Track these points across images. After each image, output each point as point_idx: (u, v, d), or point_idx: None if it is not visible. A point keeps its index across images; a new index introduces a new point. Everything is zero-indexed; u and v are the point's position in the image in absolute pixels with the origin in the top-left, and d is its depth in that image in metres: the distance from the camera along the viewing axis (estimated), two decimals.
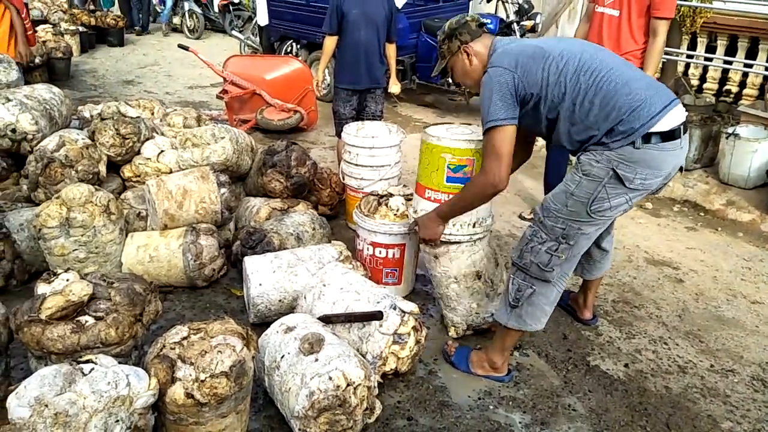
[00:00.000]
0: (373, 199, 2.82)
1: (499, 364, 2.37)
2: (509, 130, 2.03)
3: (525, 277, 2.16)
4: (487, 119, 2.04)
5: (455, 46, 2.20)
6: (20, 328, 1.89)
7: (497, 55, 2.11)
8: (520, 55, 2.06)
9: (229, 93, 5.35)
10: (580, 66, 2.00)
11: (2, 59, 3.62)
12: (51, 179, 2.99)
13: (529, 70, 2.03)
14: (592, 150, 2.01)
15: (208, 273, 2.91)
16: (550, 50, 2.05)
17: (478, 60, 2.19)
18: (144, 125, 3.36)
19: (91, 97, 6.51)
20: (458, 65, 2.24)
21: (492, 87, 2.04)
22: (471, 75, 2.23)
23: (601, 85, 1.96)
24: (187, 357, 1.81)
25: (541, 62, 2.03)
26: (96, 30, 9.36)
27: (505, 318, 2.24)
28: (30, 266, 2.87)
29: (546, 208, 2.10)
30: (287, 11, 7.00)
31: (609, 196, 1.99)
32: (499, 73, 2.04)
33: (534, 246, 2.11)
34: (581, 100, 1.98)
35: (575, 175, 2.04)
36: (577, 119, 2.01)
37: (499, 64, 2.06)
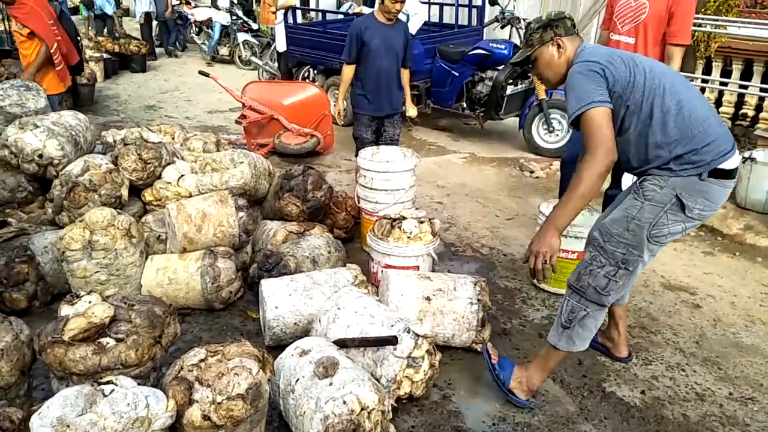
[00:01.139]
0: (386, 223, 2.85)
1: (537, 384, 2.37)
2: (606, 111, 2.00)
3: (580, 299, 2.20)
4: (584, 101, 2.00)
5: (549, 36, 2.20)
6: (43, 349, 1.94)
7: (586, 52, 2.15)
8: (613, 55, 2.11)
9: (248, 118, 5.47)
10: (665, 83, 2.05)
11: (31, 87, 3.76)
12: (75, 203, 3.08)
13: (619, 68, 2.05)
14: (657, 175, 2.07)
15: (226, 295, 2.95)
16: (640, 61, 2.12)
17: (565, 56, 2.20)
18: (165, 150, 3.45)
19: (114, 122, 6.69)
20: (545, 55, 2.23)
21: (584, 74, 2.05)
22: (555, 68, 2.23)
23: (683, 110, 2.02)
24: (204, 379, 1.84)
25: (631, 66, 2.07)
26: (119, 57, 9.64)
27: (556, 338, 2.27)
28: (53, 288, 2.94)
29: (607, 233, 2.14)
30: (305, 38, 7.16)
31: (669, 222, 2.06)
32: (590, 65, 2.06)
33: (593, 269, 2.16)
34: (661, 117, 2.02)
35: (636, 201, 2.09)
36: (651, 135, 2.05)
37: (590, 58, 2.09)
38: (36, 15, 4.21)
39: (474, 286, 2.67)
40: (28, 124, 3.23)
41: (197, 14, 11.23)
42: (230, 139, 5.86)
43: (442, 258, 3.63)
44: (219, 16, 10.25)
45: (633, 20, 3.15)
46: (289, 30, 7.39)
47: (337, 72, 6.78)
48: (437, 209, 4.50)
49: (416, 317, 2.56)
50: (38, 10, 4.23)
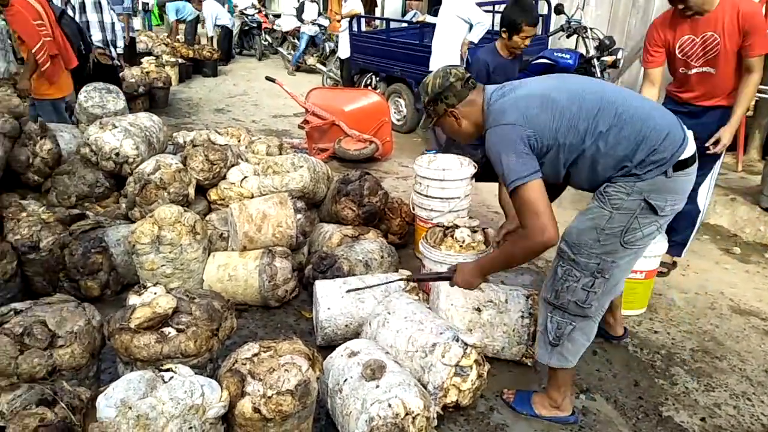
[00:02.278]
0: (439, 231, 2.86)
1: (559, 401, 2.32)
2: (536, 185, 1.90)
3: (563, 314, 2.15)
4: (509, 179, 1.92)
5: (441, 109, 2.13)
6: (112, 334, 2.07)
7: (495, 110, 2.02)
8: (527, 109, 1.95)
9: (310, 123, 5.62)
10: (592, 107, 1.94)
11: (112, 90, 4.03)
12: (146, 199, 3.27)
13: (539, 123, 1.94)
14: (621, 183, 1.96)
15: (281, 294, 3.04)
16: (556, 97, 1.96)
17: (467, 120, 2.13)
18: (230, 152, 3.61)
19: (186, 123, 7.03)
20: (447, 125, 2.20)
21: (504, 146, 1.94)
22: (461, 133, 2.18)
23: (625, 119, 1.92)
24: (256, 373, 1.91)
25: (550, 112, 1.94)
26: (193, 62, 10.14)
27: (546, 357, 2.24)
28: (123, 278, 3.13)
29: (576, 245, 2.05)
30: (368, 46, 7.29)
31: (641, 225, 1.99)
32: (506, 131, 1.94)
33: (569, 285, 2.08)
34: (606, 137, 1.92)
35: (604, 210, 1.99)
36: (605, 155, 1.94)
37: (504, 121, 1.96)
38: (20, 17, 4.04)
39: (526, 300, 2.63)
40: (108, 125, 3.46)
41: (284, 24, 11.52)
42: (293, 143, 6.03)
43: None
44: (306, 27, 10.39)
45: (705, 55, 3.04)
46: (353, 38, 7.53)
47: (398, 80, 6.87)
48: (494, 219, 4.45)
49: (466, 327, 2.55)
50: (22, 11, 4.04)
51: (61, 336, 1.99)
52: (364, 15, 8.11)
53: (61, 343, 1.98)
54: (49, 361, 1.94)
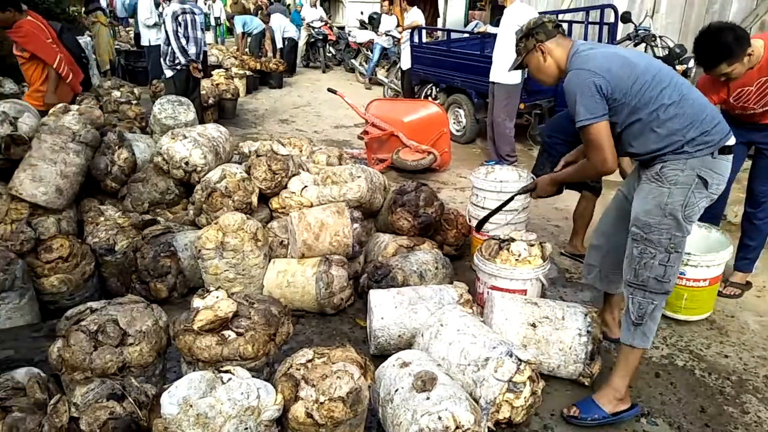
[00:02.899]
0: (494, 243, 2.83)
1: (623, 391, 2.39)
2: (602, 126, 2.21)
3: (645, 294, 2.30)
4: (579, 118, 2.22)
5: (531, 44, 2.37)
6: (177, 335, 2.19)
7: (581, 57, 2.26)
8: (610, 63, 2.21)
9: (370, 134, 5.70)
10: (663, 80, 2.20)
11: (183, 102, 4.25)
12: (212, 207, 3.43)
13: (618, 77, 2.18)
14: (673, 160, 2.21)
15: (337, 302, 3.10)
16: (637, 62, 2.24)
17: (552, 58, 2.36)
18: (292, 162, 3.72)
19: (252, 134, 7.30)
20: (533, 62, 2.41)
21: (580, 87, 2.20)
22: (545, 71, 2.41)
23: (687, 100, 2.19)
24: (309, 379, 1.96)
25: (628, 71, 2.20)
26: (260, 73, 10.52)
27: (630, 338, 2.35)
28: (189, 281, 3.29)
29: (646, 225, 2.25)
30: (428, 56, 7.33)
31: (697, 199, 2.22)
32: (586, 75, 2.20)
33: (647, 262, 2.27)
34: (667, 109, 2.17)
35: (662, 188, 2.23)
36: (661, 125, 2.19)
37: (586, 66, 2.21)
38: (34, 37, 4.19)
39: (584, 317, 2.56)
40: (179, 135, 3.66)
41: (358, 36, 11.62)
42: (352, 153, 6.14)
43: (555, 284, 3.51)
44: (380, 39, 10.41)
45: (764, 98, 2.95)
46: (414, 49, 7.60)
47: (458, 91, 6.87)
48: (553, 232, 4.36)
49: (520, 343, 2.51)
50: (36, 32, 4.21)
51: (131, 335, 2.12)
52: (426, 26, 8.16)
53: (131, 342, 2.11)
54: (119, 357, 2.08)
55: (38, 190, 3.23)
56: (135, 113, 5.56)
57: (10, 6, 4.13)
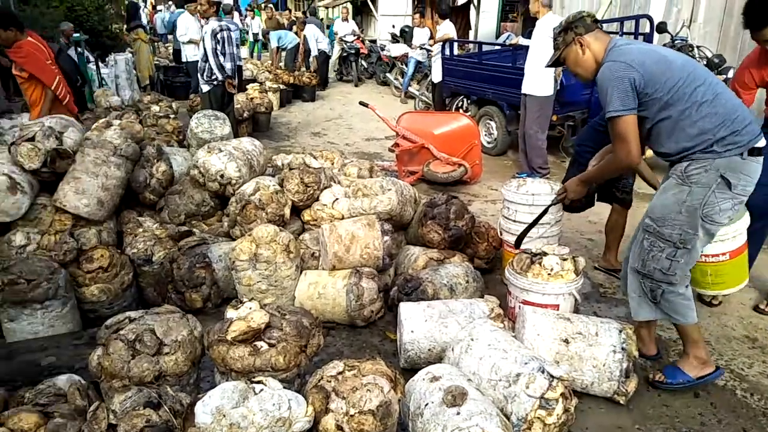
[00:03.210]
0: (526, 257, 2.81)
1: (704, 356, 2.56)
2: (630, 119, 2.27)
3: (652, 281, 2.46)
4: (609, 109, 2.28)
5: (570, 37, 2.43)
6: (211, 345, 2.23)
7: (618, 50, 2.31)
8: (645, 57, 2.26)
9: (400, 146, 5.73)
10: (698, 78, 2.25)
11: (219, 116, 4.36)
12: (246, 219, 3.49)
13: (652, 72, 2.23)
14: (700, 159, 2.26)
15: (367, 314, 3.12)
16: (673, 60, 2.29)
17: (590, 51, 2.41)
18: (324, 175, 3.77)
19: (285, 146, 7.42)
20: (572, 55, 2.47)
21: (612, 79, 2.26)
22: (583, 65, 2.45)
23: (720, 99, 2.23)
24: (340, 391, 1.98)
25: (663, 67, 2.25)
26: (293, 87, 10.70)
27: (651, 313, 2.54)
28: (223, 292, 3.35)
29: (660, 218, 2.37)
30: (460, 69, 7.34)
31: (718, 200, 2.26)
32: (621, 67, 2.25)
33: (655, 254, 2.40)
34: (699, 107, 2.22)
35: (684, 185, 2.30)
36: (691, 123, 2.24)
37: (622, 59, 2.26)
38: (33, 57, 4.26)
39: (619, 333, 2.51)
40: (214, 149, 3.75)
41: (393, 50, 11.60)
42: (383, 165, 6.17)
43: (589, 299, 3.45)
44: (414, 53, 10.36)
45: None
46: (445, 61, 7.62)
47: (490, 102, 6.85)
48: (587, 246, 4.29)
49: (552, 359, 2.47)
50: (36, 53, 4.28)
51: (167, 344, 2.18)
52: (457, 39, 8.18)
53: (167, 351, 2.17)
54: (156, 366, 2.13)
55: (81, 202, 3.35)
56: (173, 127, 5.73)
57: (12, 25, 4.22)
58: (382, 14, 16.28)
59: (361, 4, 17.22)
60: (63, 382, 2.17)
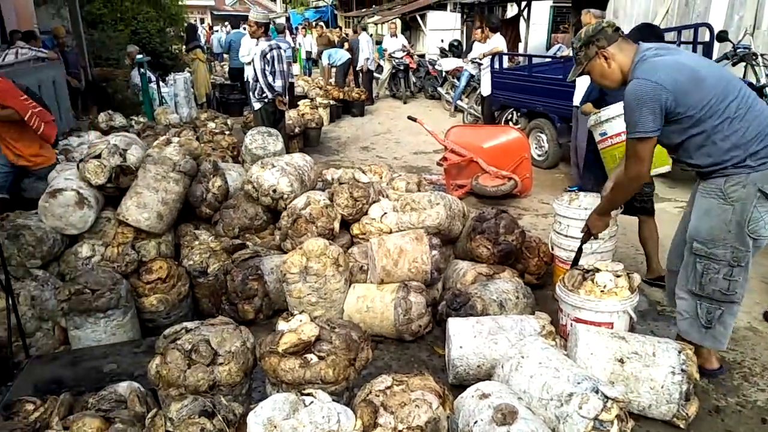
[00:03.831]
0: (578, 273, 2.74)
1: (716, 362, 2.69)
2: (653, 141, 2.28)
3: (711, 302, 2.41)
4: (635, 128, 2.25)
5: (593, 51, 2.38)
6: (262, 356, 2.28)
7: (648, 64, 2.25)
8: (677, 75, 2.20)
9: (449, 160, 5.72)
10: (731, 91, 2.22)
11: (272, 133, 4.49)
12: (297, 232, 3.57)
13: (684, 91, 2.19)
14: (734, 175, 2.25)
15: (415, 328, 3.11)
16: (705, 76, 2.23)
17: (616, 63, 2.37)
18: (372, 189, 3.81)
19: (334, 161, 7.54)
20: (596, 69, 2.43)
21: (643, 98, 2.20)
22: (609, 77, 2.41)
23: (753, 112, 2.21)
24: (388, 406, 1.98)
25: (695, 84, 2.20)
26: (342, 102, 10.89)
27: (699, 338, 2.51)
28: (274, 304, 3.43)
29: (710, 240, 2.34)
30: (510, 82, 7.29)
31: (761, 214, 2.25)
32: (652, 87, 2.19)
33: (711, 277, 2.36)
34: (732, 121, 2.20)
35: (725, 204, 2.28)
36: (724, 138, 2.22)
37: (653, 78, 2.20)
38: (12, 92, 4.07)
39: (678, 354, 2.40)
40: (267, 164, 3.86)
41: (445, 65, 11.50)
42: (431, 179, 6.18)
43: (645, 317, 3.33)
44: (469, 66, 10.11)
45: None
46: (494, 75, 7.58)
47: (540, 115, 6.76)
48: (642, 262, 4.13)
49: (606, 379, 2.40)
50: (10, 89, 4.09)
51: (221, 354, 2.24)
52: (507, 52, 8.13)
53: (221, 361, 2.23)
54: (210, 376, 2.20)
55: (142, 216, 3.51)
56: (228, 143, 5.94)
57: None
58: (431, 29, 16.36)
59: (410, 20, 17.37)
60: (123, 389, 2.27)
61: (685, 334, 2.57)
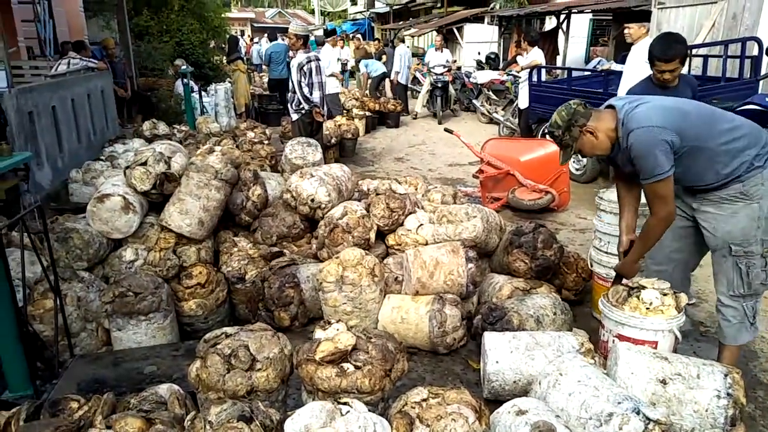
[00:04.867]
0: (622, 289, 2.68)
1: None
2: (671, 179, 2.39)
3: (753, 296, 2.58)
4: (654, 172, 2.36)
5: (576, 132, 2.48)
6: (300, 364, 2.30)
7: (638, 116, 2.38)
8: (670, 117, 2.38)
9: (485, 173, 5.70)
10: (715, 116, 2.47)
11: (311, 143, 4.55)
12: (334, 242, 3.60)
13: (680, 127, 2.36)
14: (751, 176, 2.42)
15: (450, 341, 3.09)
16: (689, 110, 2.45)
17: (602, 132, 2.47)
18: (409, 201, 3.82)
19: (369, 171, 7.59)
20: (586, 145, 2.52)
21: (652, 143, 2.34)
22: (600, 147, 2.52)
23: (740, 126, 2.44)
24: (424, 418, 1.97)
25: (684, 119, 2.40)
26: (378, 114, 10.97)
27: (748, 337, 2.68)
28: (309, 312, 3.46)
29: (745, 241, 2.48)
30: (548, 95, 7.22)
31: None
32: (658, 132, 2.34)
33: (756, 272, 2.51)
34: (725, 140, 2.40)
35: (752, 203, 2.44)
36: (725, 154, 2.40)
37: (652, 123, 2.35)
38: None
39: (724, 377, 2.32)
40: (306, 174, 3.92)
41: (480, 77, 11.32)
42: (466, 191, 6.15)
43: (687, 338, 3.23)
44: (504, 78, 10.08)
45: None
46: (532, 87, 7.53)
47: None
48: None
49: (647, 400, 2.33)
50: None
51: (260, 360, 2.27)
52: (546, 66, 8.06)
53: (259, 367, 2.26)
54: (248, 381, 2.23)
55: (184, 222, 3.60)
56: (267, 152, 6.04)
57: None
58: (468, 41, 16.38)
59: (447, 32, 17.43)
60: (164, 391, 2.32)
61: (733, 340, 2.65)
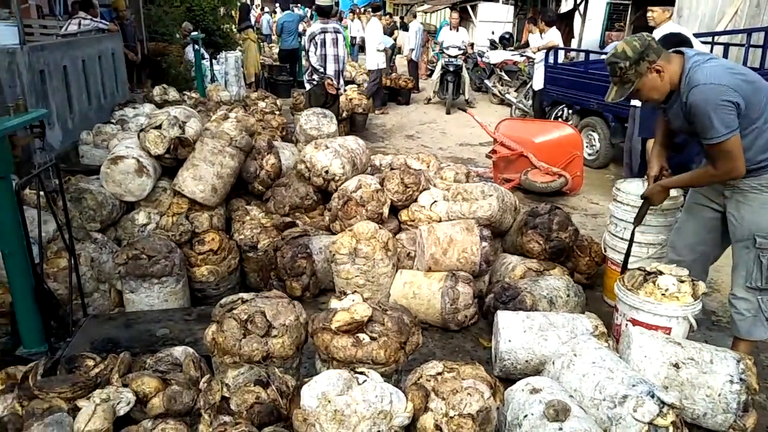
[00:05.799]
0: (639, 274, 2.67)
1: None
2: (738, 137, 2.30)
3: None
4: (720, 132, 2.27)
5: (644, 67, 2.36)
6: (315, 333, 2.30)
7: (707, 70, 2.29)
8: (738, 81, 2.28)
9: (498, 153, 5.65)
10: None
11: (327, 114, 4.50)
12: (347, 214, 3.58)
13: (745, 93, 2.27)
14: None
15: (461, 318, 3.10)
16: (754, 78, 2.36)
17: (668, 75, 2.37)
18: (423, 177, 3.79)
19: (379, 147, 7.53)
20: (648, 84, 2.41)
21: (718, 102, 2.25)
22: (660, 89, 2.42)
23: None
24: (440, 391, 1.97)
25: (751, 87, 2.31)
26: (389, 90, 10.84)
27: (763, 332, 2.60)
28: (321, 283, 3.46)
29: None
30: (564, 77, 7.12)
31: None
32: (724, 89, 2.25)
33: None
34: None
35: None
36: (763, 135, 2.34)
37: (719, 81, 2.26)
38: None
39: (737, 363, 2.32)
40: (321, 145, 3.88)
41: (492, 57, 11.16)
42: (478, 171, 6.10)
43: (699, 326, 3.21)
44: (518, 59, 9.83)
45: None
46: (548, 69, 7.43)
47: (593, 113, 6.59)
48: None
49: (660, 384, 2.33)
50: None
51: (276, 327, 2.27)
52: (563, 47, 7.94)
53: (275, 333, 2.26)
54: (264, 347, 2.23)
55: (197, 188, 3.58)
56: (278, 123, 5.99)
57: None
58: (481, 20, 16.14)
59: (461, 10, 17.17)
60: (179, 353, 2.33)
61: (747, 334, 2.60)
